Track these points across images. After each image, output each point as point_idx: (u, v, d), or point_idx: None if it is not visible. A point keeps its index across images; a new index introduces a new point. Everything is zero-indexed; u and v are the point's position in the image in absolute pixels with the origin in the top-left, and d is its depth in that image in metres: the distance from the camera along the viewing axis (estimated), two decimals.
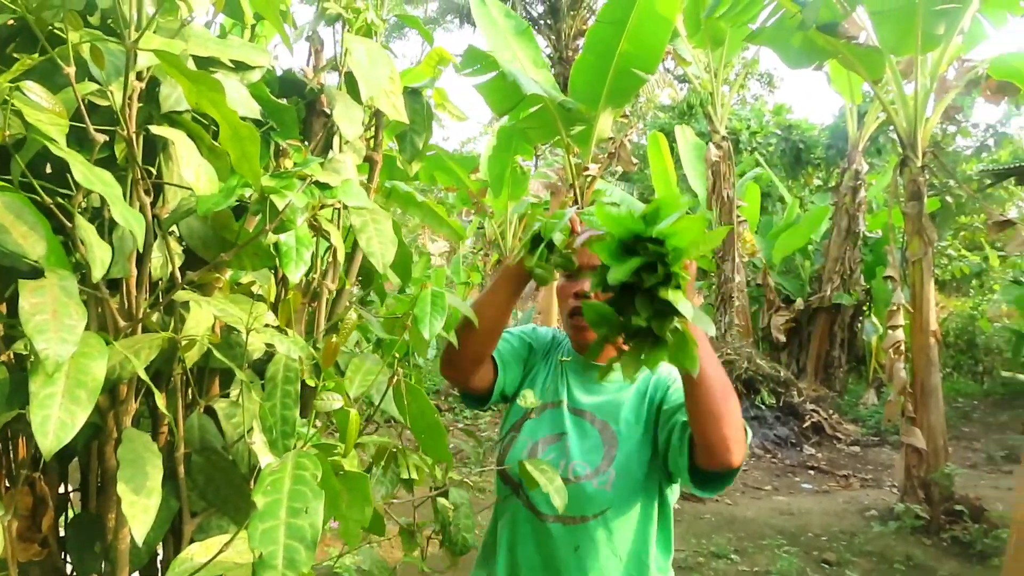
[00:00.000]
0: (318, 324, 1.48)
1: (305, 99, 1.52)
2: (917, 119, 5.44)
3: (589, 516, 1.42)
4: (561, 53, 16.22)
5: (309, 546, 0.83)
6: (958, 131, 13.42)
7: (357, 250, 1.58)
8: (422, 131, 1.62)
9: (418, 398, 1.23)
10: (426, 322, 1.35)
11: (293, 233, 1.18)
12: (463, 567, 4.32)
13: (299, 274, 1.19)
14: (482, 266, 9.83)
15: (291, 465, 0.89)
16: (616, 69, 5.60)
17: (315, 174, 1.05)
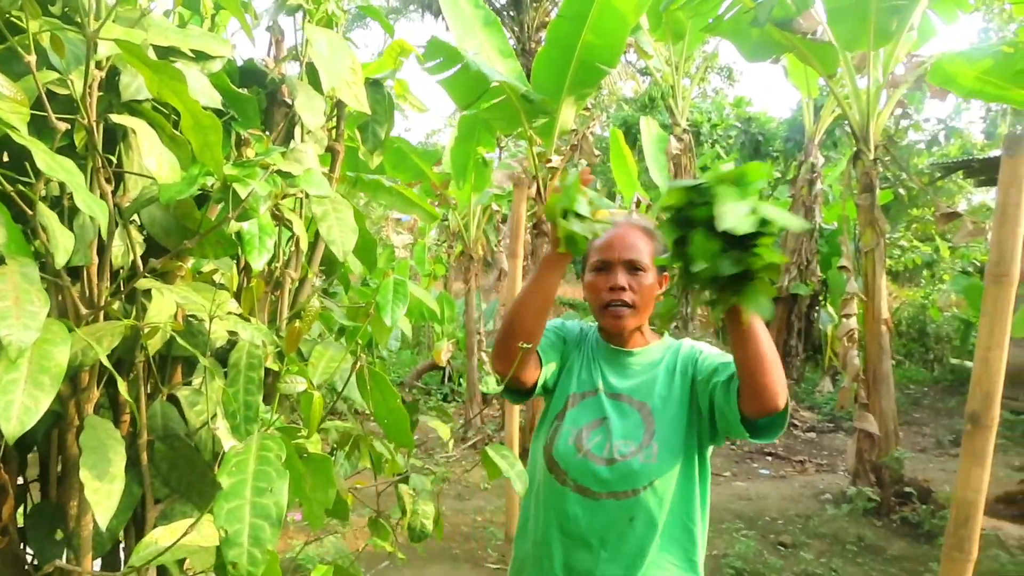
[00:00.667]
0: (281, 312, 1.49)
1: (266, 89, 1.52)
2: (870, 113, 5.58)
3: (640, 488, 1.51)
4: (524, 45, 16.22)
5: (274, 524, 0.85)
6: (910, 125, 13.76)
7: (320, 239, 1.60)
8: (384, 121, 1.63)
9: (381, 384, 1.26)
10: (388, 310, 1.38)
11: (256, 221, 1.20)
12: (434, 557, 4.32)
13: (262, 262, 1.21)
14: (446, 258, 9.83)
15: (255, 446, 0.91)
16: (578, 61, 5.63)
17: (277, 163, 1.06)
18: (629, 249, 1.55)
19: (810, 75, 7.61)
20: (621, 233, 1.57)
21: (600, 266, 1.56)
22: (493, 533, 4.63)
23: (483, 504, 5.23)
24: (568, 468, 1.56)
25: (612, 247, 1.55)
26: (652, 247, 1.57)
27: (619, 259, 1.54)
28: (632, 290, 1.53)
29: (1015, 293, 2.24)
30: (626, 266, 1.54)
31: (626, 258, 1.54)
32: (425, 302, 1.57)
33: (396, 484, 1.63)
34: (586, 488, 1.54)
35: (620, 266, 1.54)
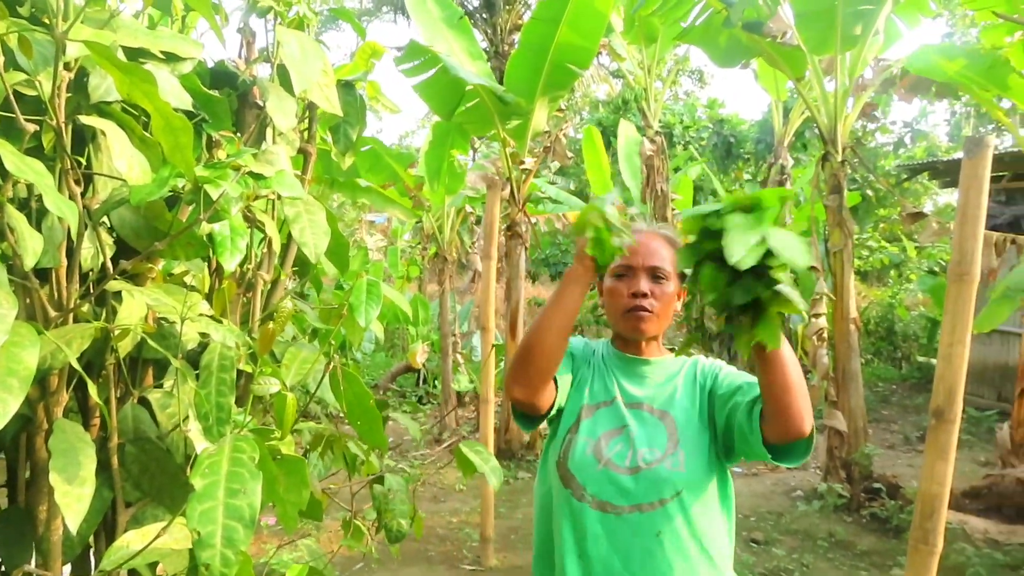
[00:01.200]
0: (253, 314, 1.49)
1: (237, 91, 1.52)
2: (837, 116, 5.67)
3: (667, 498, 1.43)
4: (497, 47, 16.24)
5: (247, 525, 0.85)
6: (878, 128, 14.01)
7: (292, 241, 1.60)
8: (356, 123, 1.64)
9: (354, 385, 1.26)
10: (361, 311, 1.38)
11: (227, 223, 1.20)
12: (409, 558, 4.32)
13: (234, 263, 1.21)
14: (420, 260, 9.81)
15: (228, 448, 0.91)
16: (551, 63, 5.67)
17: (249, 164, 1.06)
18: (652, 256, 1.52)
19: (779, 78, 7.72)
20: (644, 240, 1.53)
21: (622, 272, 1.52)
22: (468, 534, 4.63)
23: (458, 505, 5.23)
24: (587, 481, 1.45)
25: (636, 253, 1.49)
26: (674, 255, 1.52)
27: (642, 265, 1.50)
28: (654, 296, 1.50)
29: (976, 291, 2.30)
30: (648, 273, 1.51)
31: (649, 264, 1.51)
32: (398, 304, 1.57)
33: (371, 485, 1.63)
34: (607, 503, 1.44)
35: (643, 272, 1.50)
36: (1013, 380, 6.09)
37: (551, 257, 14.72)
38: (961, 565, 4.23)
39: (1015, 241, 5.05)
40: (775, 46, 5.36)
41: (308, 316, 1.55)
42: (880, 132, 14.05)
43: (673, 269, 1.52)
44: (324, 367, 1.23)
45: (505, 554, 4.36)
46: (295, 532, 3.46)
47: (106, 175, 1.16)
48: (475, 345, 8.47)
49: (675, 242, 1.57)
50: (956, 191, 10.21)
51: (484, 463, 1.42)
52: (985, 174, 2.27)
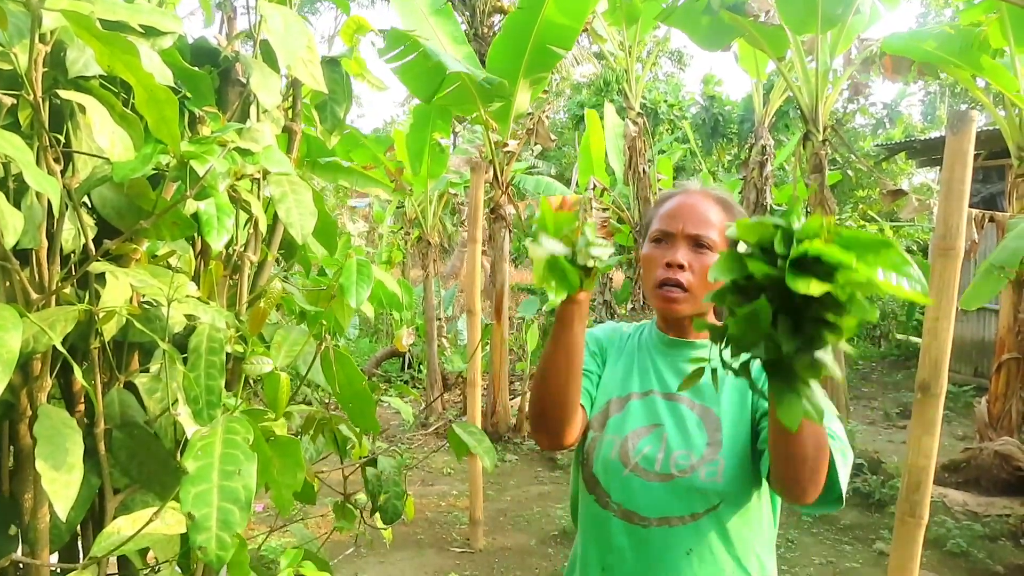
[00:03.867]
0: (240, 296, 1.46)
1: (219, 68, 1.48)
2: (818, 95, 5.69)
3: (700, 512, 1.23)
4: (476, 30, 16.11)
5: (243, 507, 0.83)
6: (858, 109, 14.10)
7: (279, 221, 1.56)
8: (342, 101, 1.60)
9: (346, 366, 1.24)
10: (352, 291, 1.36)
11: (213, 201, 1.17)
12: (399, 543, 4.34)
13: (222, 242, 1.18)
14: (403, 245, 9.76)
15: (221, 429, 0.89)
16: (534, 45, 5.63)
17: (235, 140, 1.04)
18: (697, 221, 1.27)
19: (760, 59, 7.72)
20: (691, 201, 1.30)
21: (660, 237, 1.30)
22: (457, 517, 4.64)
23: (447, 489, 5.24)
24: (611, 487, 1.28)
25: (677, 216, 1.28)
26: (724, 223, 1.28)
27: (683, 232, 1.27)
28: (691, 270, 1.25)
29: (960, 265, 2.32)
30: (690, 241, 1.27)
31: (691, 232, 1.27)
32: (388, 286, 1.55)
33: (363, 468, 1.62)
34: (633, 512, 1.26)
35: (683, 240, 1.27)
36: (990, 356, 6.18)
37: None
38: (941, 537, 4.31)
39: (993, 218, 5.10)
40: (757, 26, 5.36)
41: (296, 298, 1.52)
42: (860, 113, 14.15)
43: (721, 239, 1.26)
44: (316, 348, 1.21)
45: (494, 536, 4.38)
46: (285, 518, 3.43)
47: (87, 153, 1.13)
48: (460, 329, 8.46)
49: (730, 207, 1.32)
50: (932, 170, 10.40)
51: (478, 444, 1.41)
52: (969, 148, 2.28)
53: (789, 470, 1.05)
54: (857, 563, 4.12)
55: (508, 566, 3.98)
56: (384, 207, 10.35)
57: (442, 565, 3.96)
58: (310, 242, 1.65)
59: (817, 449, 1.02)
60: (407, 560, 4.00)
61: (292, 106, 1.60)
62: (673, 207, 1.31)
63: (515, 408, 6.57)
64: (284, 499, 1.03)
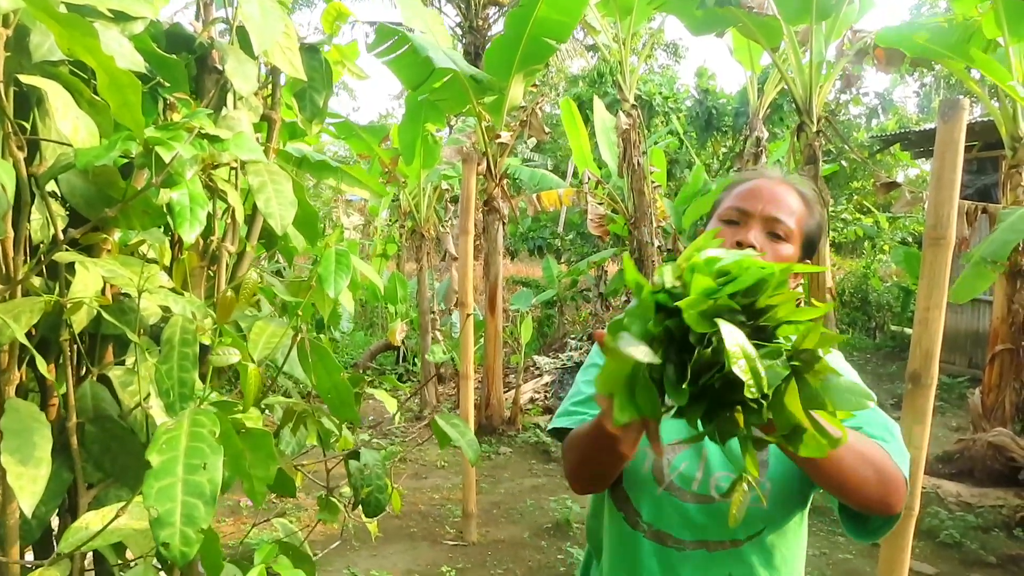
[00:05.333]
0: (218, 288, 1.44)
1: (194, 54, 1.45)
2: (812, 86, 5.66)
3: (742, 539, 1.14)
4: (472, 22, 16.04)
5: (208, 502, 0.81)
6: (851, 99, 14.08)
7: (258, 211, 1.54)
8: (322, 89, 1.57)
9: (324, 358, 1.22)
10: (331, 281, 1.34)
11: (187, 191, 1.14)
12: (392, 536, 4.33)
13: (194, 234, 1.15)
14: (398, 237, 9.73)
15: (187, 422, 0.87)
16: (529, 37, 5.61)
17: (204, 126, 1.01)
18: (776, 203, 1.17)
19: (754, 51, 7.70)
20: (772, 185, 1.20)
21: (734, 216, 1.19)
22: (450, 510, 4.63)
23: (440, 482, 5.22)
24: (642, 505, 1.19)
25: (756, 196, 1.18)
26: (805, 216, 1.20)
27: (761, 212, 1.17)
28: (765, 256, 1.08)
29: (951, 255, 2.30)
30: (766, 225, 1.16)
31: (770, 214, 1.16)
32: (368, 276, 1.52)
33: (346, 461, 1.60)
34: (666, 534, 1.16)
35: (759, 222, 1.16)
36: (984, 347, 6.18)
37: (530, 232, 14.66)
38: (935, 528, 4.31)
39: (986, 210, 5.09)
40: (751, 16, 5.33)
41: (276, 289, 1.50)
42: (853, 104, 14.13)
43: (799, 230, 1.18)
44: (292, 340, 1.18)
45: (487, 529, 4.37)
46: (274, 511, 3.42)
47: (53, 140, 1.10)
48: (455, 322, 8.44)
49: (810, 204, 1.23)
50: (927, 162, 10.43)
51: (460, 436, 1.39)
52: (960, 137, 2.26)
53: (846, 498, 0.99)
54: (850, 554, 4.12)
55: (501, 559, 3.97)
56: (379, 200, 10.32)
57: (435, 558, 3.95)
58: (291, 233, 1.63)
59: (861, 465, 0.96)
60: (400, 553, 3.99)
61: (271, 94, 1.58)
62: (752, 187, 1.21)
63: (509, 401, 6.56)
64: (257, 491, 1.01)
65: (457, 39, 10.87)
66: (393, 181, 6.59)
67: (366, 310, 10.59)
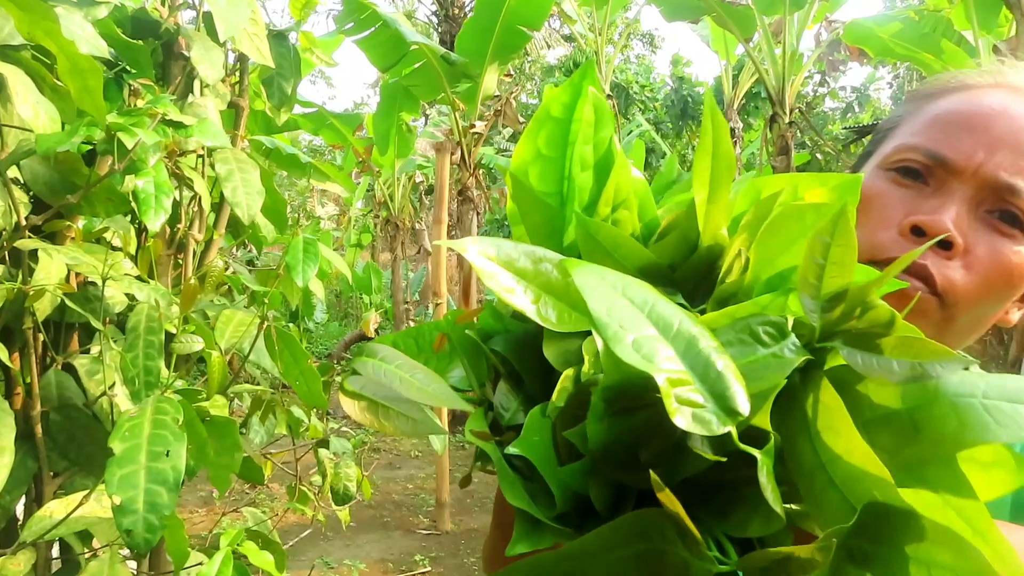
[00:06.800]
0: (185, 276, 1.43)
1: (160, 40, 1.44)
2: (785, 77, 5.72)
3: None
4: (447, 10, 15.94)
5: (172, 489, 0.81)
6: (828, 93, 14.22)
7: (226, 199, 1.53)
8: (290, 76, 1.57)
9: (290, 344, 1.22)
10: (299, 269, 1.34)
11: (152, 179, 1.13)
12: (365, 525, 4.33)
13: (159, 222, 1.15)
14: (372, 227, 9.69)
15: (150, 410, 0.87)
16: (503, 25, 5.59)
17: (168, 112, 1.01)
18: (1020, 152, 0.58)
19: (729, 41, 7.75)
20: (1017, 111, 0.60)
21: (918, 166, 0.61)
22: (424, 500, 4.64)
23: (414, 472, 5.24)
24: None
25: (980, 130, 0.59)
26: None
27: (980, 170, 0.58)
28: (966, 256, 0.58)
29: None
30: (986, 196, 0.59)
31: (1002, 177, 0.58)
32: (336, 265, 1.52)
33: (315, 449, 1.60)
34: None
35: (972, 187, 0.59)
36: None
37: (507, 221, 14.66)
38: None
39: None
40: (724, 5, 5.37)
41: (244, 278, 1.49)
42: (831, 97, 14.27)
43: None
44: (257, 328, 1.18)
45: (461, 518, 4.39)
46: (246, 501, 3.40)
47: (15, 126, 1.09)
48: (430, 312, 8.43)
49: None
50: None
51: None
52: None
53: None
54: None
55: (474, 547, 4.00)
56: (354, 190, 10.26)
57: (408, 547, 3.96)
58: (260, 221, 1.63)
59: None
60: (373, 543, 4.00)
61: (239, 81, 1.57)
62: (973, 111, 0.61)
63: None
64: (222, 479, 1.01)
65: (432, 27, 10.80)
66: (367, 171, 6.56)
67: (341, 300, 10.55)
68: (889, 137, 0.66)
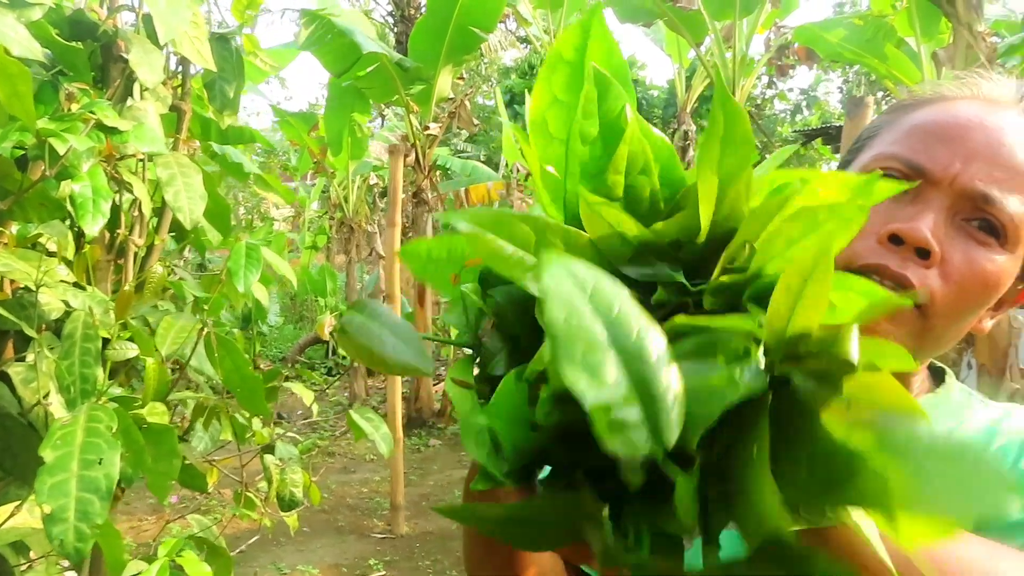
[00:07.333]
0: (125, 281, 1.41)
1: (99, 42, 1.42)
2: (736, 81, 5.83)
3: None
4: (403, 11, 15.86)
5: (104, 497, 0.81)
6: (776, 95, 14.51)
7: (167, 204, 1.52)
8: (233, 79, 1.56)
9: (232, 352, 1.21)
10: (240, 275, 1.33)
11: (89, 183, 1.12)
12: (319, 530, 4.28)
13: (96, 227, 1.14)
14: (328, 229, 9.60)
15: (84, 418, 0.86)
16: (455, 27, 5.59)
17: (102, 117, 1.00)
18: (1001, 164, 0.59)
19: (682, 45, 7.87)
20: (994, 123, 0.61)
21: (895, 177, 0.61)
22: (379, 503, 4.62)
23: (369, 475, 5.20)
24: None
25: (956, 142, 0.60)
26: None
27: (956, 181, 0.59)
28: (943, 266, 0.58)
29: None
30: (964, 205, 0.59)
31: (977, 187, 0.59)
32: (282, 270, 1.52)
33: (262, 455, 1.59)
34: None
35: (950, 197, 0.59)
36: None
37: None
38: None
39: None
40: (676, 10, 5.46)
41: (186, 284, 1.48)
42: (778, 99, 14.56)
43: None
44: (198, 335, 1.18)
45: (416, 521, 4.38)
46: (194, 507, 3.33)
47: None
48: None
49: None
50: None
51: (375, 430, 1.41)
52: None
53: None
54: None
55: (429, 550, 3.99)
56: (309, 191, 10.15)
57: (362, 551, 3.94)
58: (205, 226, 1.61)
59: None
60: (327, 547, 3.97)
61: (182, 84, 1.55)
62: (950, 122, 0.62)
63: (439, 393, 6.57)
64: (161, 487, 1.00)
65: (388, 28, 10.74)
66: (322, 171, 6.50)
67: (296, 303, 10.42)
68: (867, 146, 0.67)
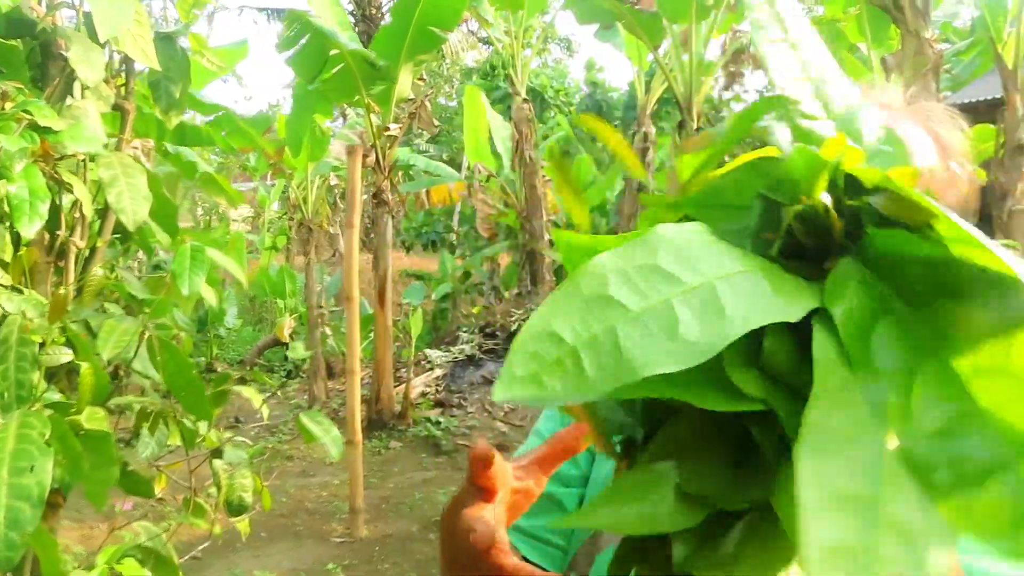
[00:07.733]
0: (66, 283, 1.38)
1: (37, 40, 1.39)
2: (693, 84, 5.91)
3: None
4: (364, 11, 15.75)
5: (36, 505, 0.79)
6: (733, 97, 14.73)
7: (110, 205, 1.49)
8: (178, 79, 1.53)
9: (174, 355, 1.19)
10: (185, 278, 1.32)
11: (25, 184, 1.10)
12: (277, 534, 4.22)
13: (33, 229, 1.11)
14: (287, 230, 9.49)
15: (15, 424, 0.84)
16: (416, 27, 5.58)
17: (36, 115, 0.97)
18: None
19: (642, 49, 7.95)
20: None
21: None
22: (338, 507, 4.58)
23: (328, 479, 5.15)
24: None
25: None
26: None
27: None
28: None
29: None
30: None
31: None
32: (231, 270, 1.50)
33: (211, 460, 1.57)
34: None
35: None
36: None
37: (424, 228, 14.59)
38: None
39: None
40: (635, 12, 5.52)
41: (132, 287, 1.45)
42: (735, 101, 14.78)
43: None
44: (139, 338, 1.16)
45: (376, 524, 4.35)
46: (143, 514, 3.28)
47: None
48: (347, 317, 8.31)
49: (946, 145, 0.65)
50: None
51: (324, 433, 1.40)
52: None
53: None
54: None
55: (388, 553, 3.97)
56: (269, 191, 10.02)
57: (320, 555, 3.90)
58: (153, 227, 1.58)
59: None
60: (285, 552, 3.92)
61: (125, 83, 1.53)
62: None
63: (399, 395, 6.53)
64: (98, 494, 0.98)
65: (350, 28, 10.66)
66: (279, 173, 6.42)
67: (255, 305, 10.28)
68: None
